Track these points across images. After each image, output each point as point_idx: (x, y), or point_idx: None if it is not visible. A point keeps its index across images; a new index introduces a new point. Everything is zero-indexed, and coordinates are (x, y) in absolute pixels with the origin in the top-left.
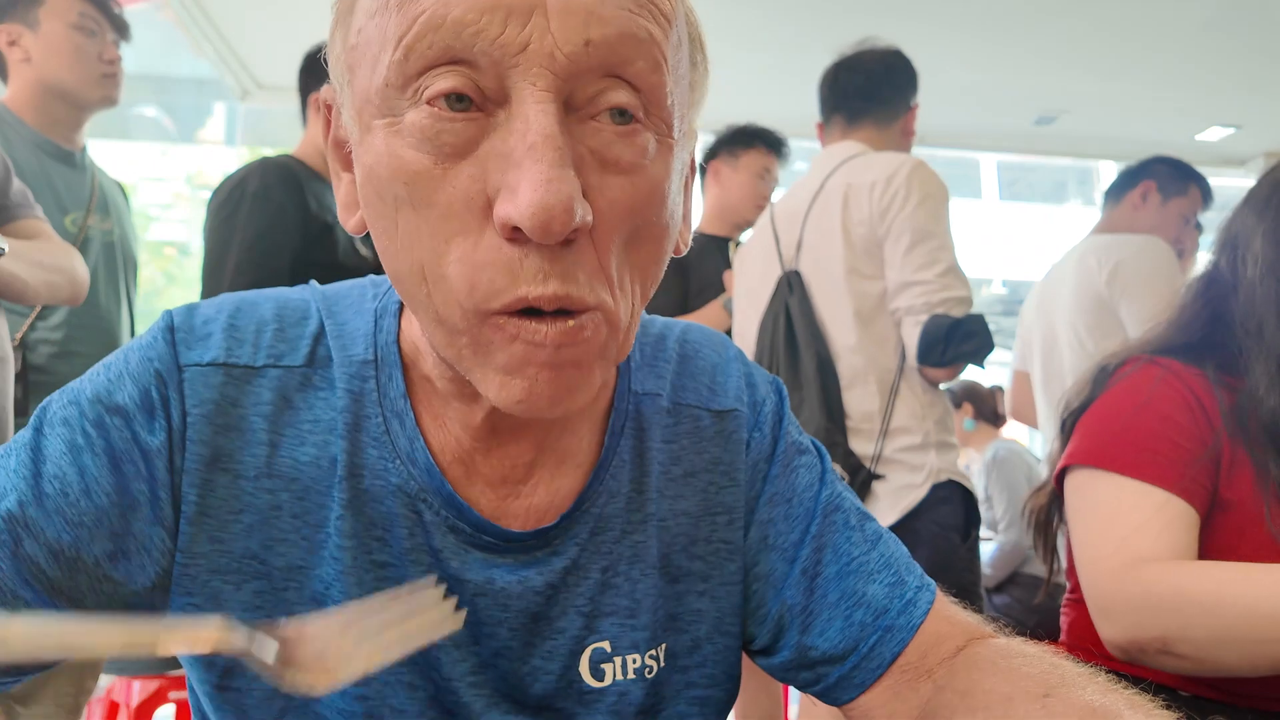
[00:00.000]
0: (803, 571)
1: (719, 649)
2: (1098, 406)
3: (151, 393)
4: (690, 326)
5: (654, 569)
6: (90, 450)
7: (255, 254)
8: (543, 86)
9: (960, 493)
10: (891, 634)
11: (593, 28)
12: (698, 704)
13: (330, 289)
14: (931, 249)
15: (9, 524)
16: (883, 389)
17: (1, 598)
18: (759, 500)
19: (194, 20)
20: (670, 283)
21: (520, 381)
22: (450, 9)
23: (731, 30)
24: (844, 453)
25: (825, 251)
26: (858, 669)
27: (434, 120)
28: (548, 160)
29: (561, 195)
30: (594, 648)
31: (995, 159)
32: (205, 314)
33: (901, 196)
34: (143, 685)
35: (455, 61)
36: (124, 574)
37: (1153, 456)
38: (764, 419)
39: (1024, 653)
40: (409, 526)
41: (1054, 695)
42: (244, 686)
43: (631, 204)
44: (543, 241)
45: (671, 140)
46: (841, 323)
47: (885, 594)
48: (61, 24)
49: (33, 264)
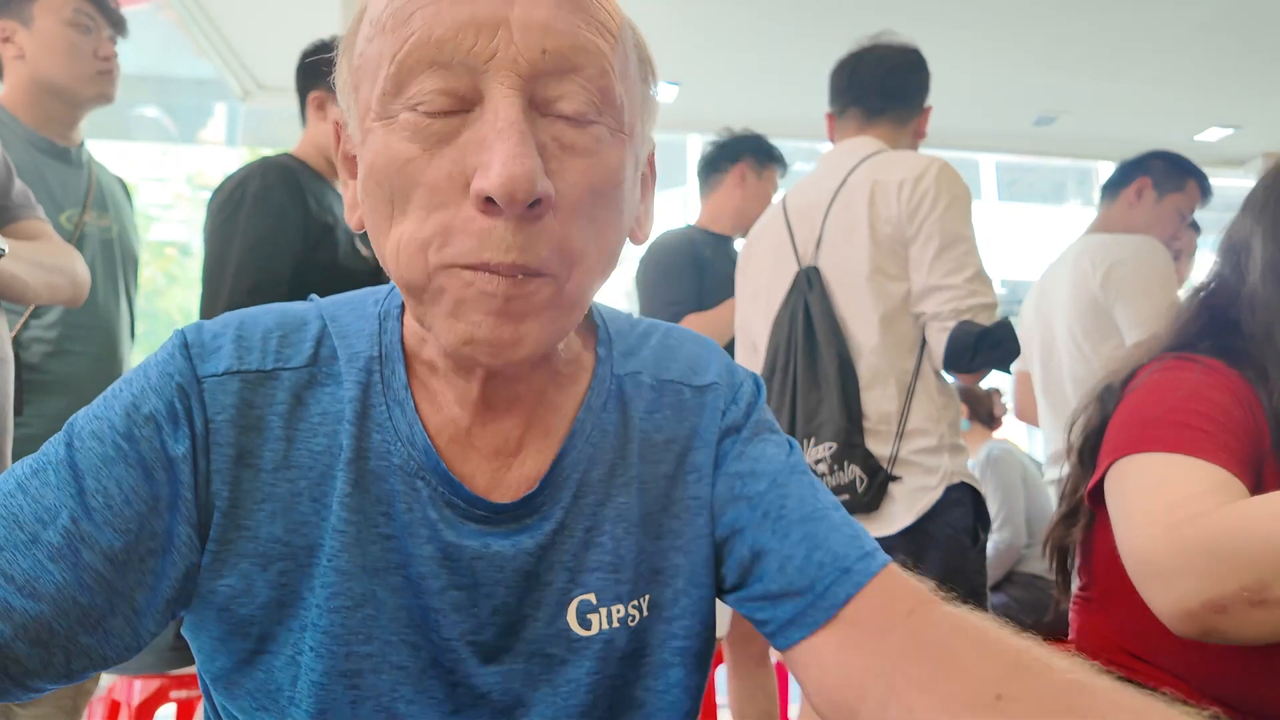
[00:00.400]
0: (765, 514)
1: (694, 600)
2: (1129, 405)
3: (175, 404)
4: (675, 327)
5: (637, 527)
6: (124, 461)
7: (256, 255)
8: (509, 85)
9: (971, 495)
10: (848, 576)
11: (549, 39)
12: (679, 654)
13: (331, 299)
14: (960, 254)
15: (67, 539)
16: (901, 390)
17: (63, 604)
18: (728, 457)
19: (195, 21)
20: (690, 275)
21: (463, 325)
22: (433, 30)
23: (731, 30)
24: (863, 454)
25: (848, 249)
26: (813, 606)
27: (422, 118)
28: (513, 140)
29: (525, 167)
30: (580, 600)
31: (994, 159)
32: (213, 329)
33: (931, 198)
34: (144, 684)
35: (438, 67)
36: (163, 567)
37: (1204, 435)
38: (740, 396)
39: (985, 620)
40: (408, 501)
41: (1022, 665)
42: (251, 673)
43: (589, 183)
44: (509, 208)
45: (624, 134)
46: (864, 322)
47: (845, 543)
48: (55, 20)
49: (33, 265)
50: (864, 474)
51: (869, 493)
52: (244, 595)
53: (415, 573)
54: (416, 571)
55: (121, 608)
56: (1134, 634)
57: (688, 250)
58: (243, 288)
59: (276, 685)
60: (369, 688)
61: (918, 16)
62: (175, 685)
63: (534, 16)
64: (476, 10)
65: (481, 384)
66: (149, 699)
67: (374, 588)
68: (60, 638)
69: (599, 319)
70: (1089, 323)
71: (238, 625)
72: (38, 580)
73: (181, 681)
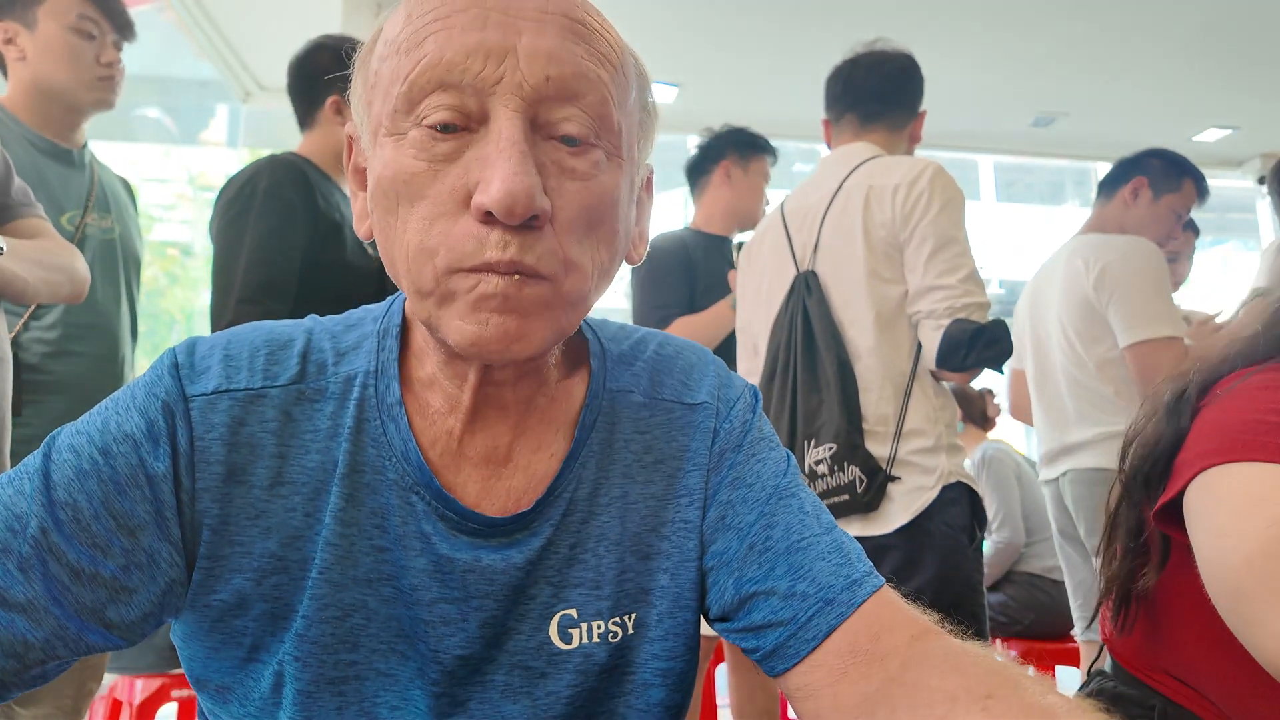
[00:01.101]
0: (751, 545)
1: (679, 623)
2: (1214, 414)
3: (158, 422)
4: (670, 336)
5: (616, 546)
6: (97, 476)
7: (267, 251)
8: (513, 108)
9: (968, 494)
10: (831, 607)
11: (551, 67)
12: (660, 675)
13: (331, 317)
14: (954, 255)
15: (36, 548)
16: (898, 392)
17: (36, 615)
18: (721, 483)
19: (196, 22)
20: (680, 278)
21: (472, 325)
22: (444, 53)
23: (731, 32)
24: (863, 455)
25: (845, 254)
26: (794, 638)
27: (430, 138)
28: (514, 159)
29: (524, 184)
30: (562, 614)
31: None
32: (202, 350)
33: (925, 201)
34: (145, 684)
35: (447, 87)
36: (137, 583)
37: None
38: (735, 414)
39: (971, 651)
40: (403, 515)
41: (996, 696)
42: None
43: (585, 202)
44: (508, 222)
45: (621, 159)
46: (861, 325)
47: (830, 572)
48: (58, 25)
49: (32, 263)
50: (863, 475)
51: (869, 493)
52: (238, 608)
53: (408, 584)
54: (409, 583)
55: (92, 622)
56: (1178, 660)
57: (679, 253)
58: (254, 281)
59: (262, 693)
60: (353, 694)
61: (917, 18)
62: (176, 684)
63: (539, 46)
64: (486, 37)
65: (473, 392)
66: (150, 698)
67: (365, 598)
68: (36, 649)
69: (589, 332)
70: (1082, 323)
71: (231, 636)
72: (8, 590)
73: (183, 681)
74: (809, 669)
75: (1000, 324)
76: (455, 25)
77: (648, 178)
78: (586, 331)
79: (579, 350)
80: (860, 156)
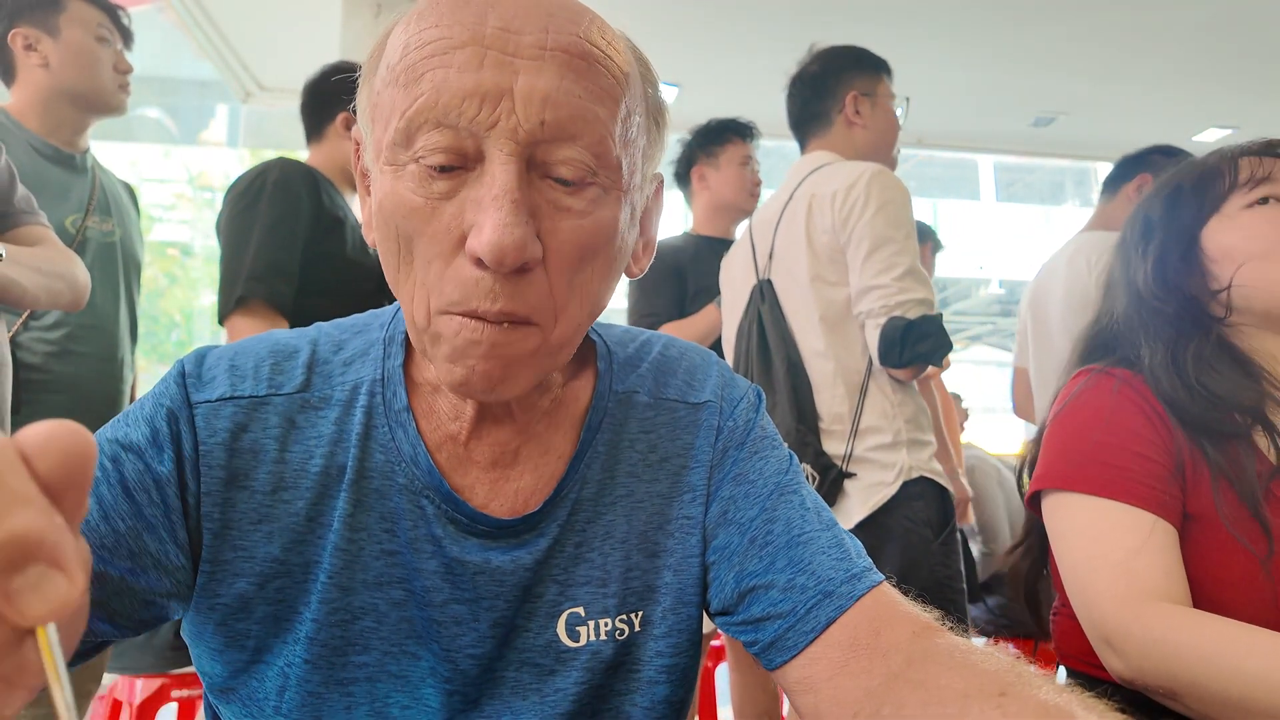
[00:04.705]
0: (752, 539)
1: (683, 618)
2: (1062, 423)
3: (163, 429)
4: (674, 339)
5: (622, 544)
6: (106, 482)
7: (276, 237)
8: (508, 152)
9: (934, 489)
10: (829, 600)
11: (548, 111)
12: (665, 671)
13: (336, 323)
14: (889, 254)
15: None
16: (851, 391)
17: None
18: (724, 479)
19: (196, 22)
20: (668, 286)
21: (460, 369)
22: (441, 95)
23: (731, 33)
24: (815, 453)
25: (793, 260)
26: (793, 630)
27: (427, 175)
28: (506, 209)
29: (514, 237)
30: (569, 612)
31: (993, 160)
32: (210, 360)
33: (861, 204)
34: (145, 684)
35: (444, 127)
36: (144, 584)
37: (1128, 476)
38: (738, 412)
39: (977, 649)
40: (413, 519)
41: (1009, 694)
42: (248, 681)
43: (579, 241)
44: (497, 270)
45: (620, 190)
46: (809, 329)
47: (830, 566)
48: (84, 33)
49: (32, 269)
50: (815, 472)
51: (821, 489)
52: (241, 611)
53: (420, 586)
54: (421, 585)
55: (100, 614)
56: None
57: (668, 259)
58: (261, 265)
59: (265, 694)
60: (364, 695)
61: (917, 19)
62: (176, 685)
63: (536, 88)
64: (482, 79)
65: (477, 403)
66: (150, 698)
67: (375, 601)
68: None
69: (596, 336)
70: (1084, 322)
71: (235, 638)
72: None
73: (182, 681)
74: (808, 661)
75: (931, 319)
76: (452, 64)
77: (657, 186)
78: (593, 335)
79: (585, 353)
80: (809, 166)
